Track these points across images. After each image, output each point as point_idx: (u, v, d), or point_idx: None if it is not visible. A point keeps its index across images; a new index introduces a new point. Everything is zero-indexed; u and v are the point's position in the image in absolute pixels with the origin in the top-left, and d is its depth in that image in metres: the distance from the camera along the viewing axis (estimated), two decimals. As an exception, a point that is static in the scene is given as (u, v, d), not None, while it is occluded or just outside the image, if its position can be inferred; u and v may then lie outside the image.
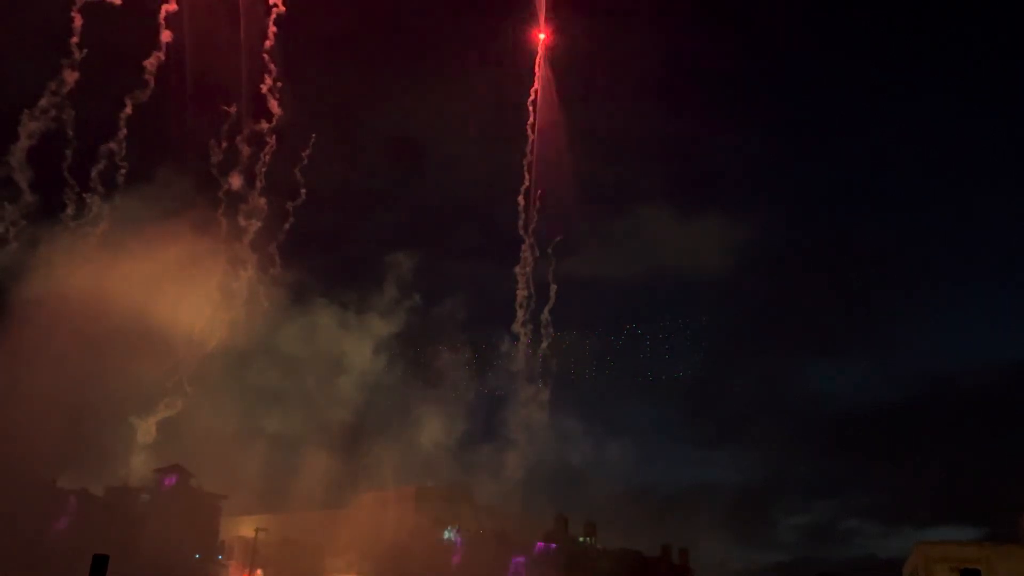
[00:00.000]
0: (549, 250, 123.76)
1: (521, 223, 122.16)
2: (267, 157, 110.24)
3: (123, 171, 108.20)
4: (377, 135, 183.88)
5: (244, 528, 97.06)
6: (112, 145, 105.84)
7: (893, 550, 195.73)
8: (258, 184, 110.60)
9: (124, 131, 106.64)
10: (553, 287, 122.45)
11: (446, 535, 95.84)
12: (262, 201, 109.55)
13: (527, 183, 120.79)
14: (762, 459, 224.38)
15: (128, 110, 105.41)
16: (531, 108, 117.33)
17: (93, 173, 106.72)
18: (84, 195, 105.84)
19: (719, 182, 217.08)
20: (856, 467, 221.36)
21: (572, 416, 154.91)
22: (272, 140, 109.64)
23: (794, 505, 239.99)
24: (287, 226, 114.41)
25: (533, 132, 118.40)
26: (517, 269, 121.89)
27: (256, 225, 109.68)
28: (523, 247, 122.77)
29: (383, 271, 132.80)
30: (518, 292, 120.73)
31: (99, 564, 16.89)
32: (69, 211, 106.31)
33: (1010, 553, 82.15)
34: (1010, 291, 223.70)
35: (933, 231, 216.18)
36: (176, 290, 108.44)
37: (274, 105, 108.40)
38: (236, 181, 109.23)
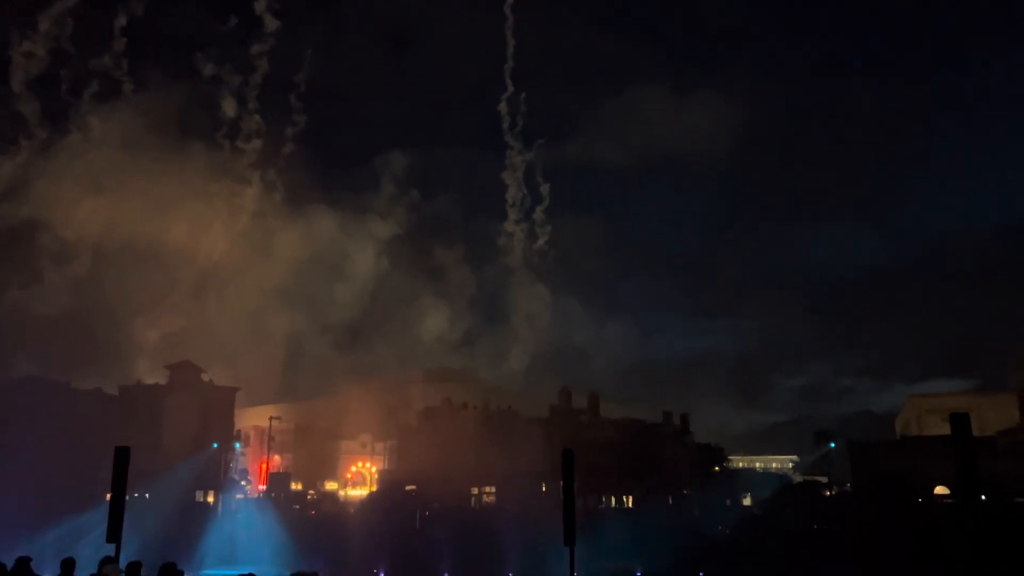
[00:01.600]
0: (532, 155, 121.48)
1: (506, 127, 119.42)
2: (261, 78, 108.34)
3: (126, 86, 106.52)
4: (366, 29, 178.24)
5: (258, 418, 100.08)
6: (109, 59, 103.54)
7: (887, 405, 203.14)
8: (251, 106, 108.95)
9: (123, 40, 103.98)
10: (546, 186, 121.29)
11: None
12: (257, 119, 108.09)
13: (510, 91, 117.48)
14: (759, 326, 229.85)
15: (123, 21, 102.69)
16: (508, 12, 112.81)
17: (92, 92, 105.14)
18: (88, 116, 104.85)
19: (713, 57, 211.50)
20: (850, 329, 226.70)
21: (573, 297, 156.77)
22: (265, 63, 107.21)
23: (791, 368, 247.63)
24: (286, 151, 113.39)
25: (514, 37, 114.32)
26: (505, 175, 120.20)
27: (256, 144, 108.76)
28: (510, 153, 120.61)
29: (380, 170, 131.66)
30: (508, 195, 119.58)
31: (122, 456, 17.37)
32: (74, 132, 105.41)
33: (999, 401, 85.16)
34: (999, 154, 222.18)
35: (924, 97, 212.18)
36: (182, 205, 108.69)
37: (269, 20, 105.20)
38: (233, 102, 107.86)
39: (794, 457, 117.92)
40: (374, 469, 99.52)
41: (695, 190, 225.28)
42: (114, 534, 16.54)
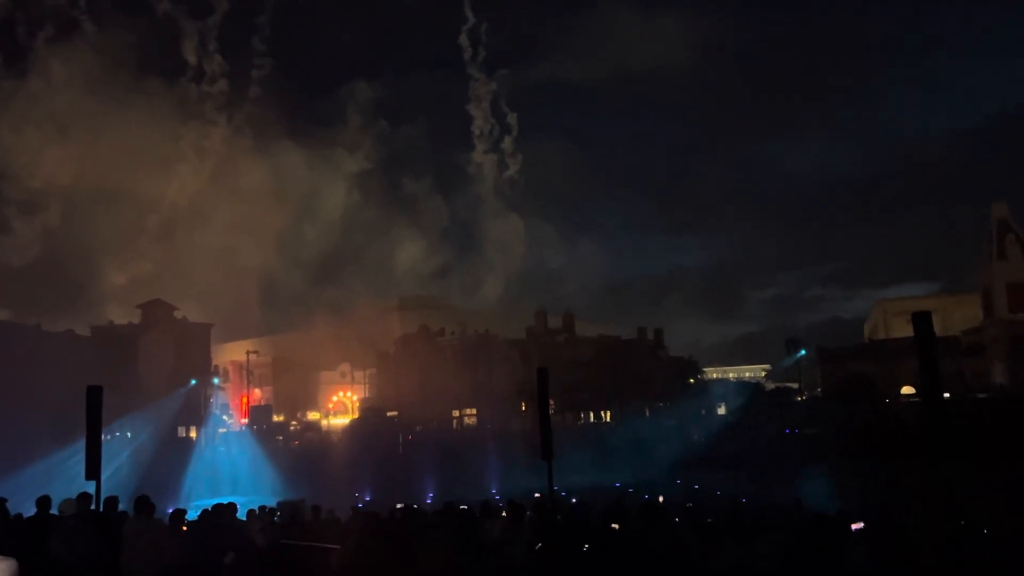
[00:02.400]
0: (495, 85, 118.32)
1: (468, 59, 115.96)
2: (221, 17, 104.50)
3: (85, 25, 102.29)
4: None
5: (236, 353, 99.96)
6: None
7: (855, 311, 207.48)
8: (212, 47, 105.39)
9: None
10: (513, 116, 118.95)
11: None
12: (219, 59, 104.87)
13: (470, 22, 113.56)
14: (730, 239, 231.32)
15: None
16: None
17: (49, 35, 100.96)
18: (48, 60, 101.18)
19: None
20: (819, 239, 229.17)
21: (544, 220, 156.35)
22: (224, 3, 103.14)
23: (761, 280, 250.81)
24: (252, 95, 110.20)
25: None
26: (471, 107, 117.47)
27: (221, 85, 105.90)
28: (474, 85, 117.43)
29: (345, 100, 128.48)
30: (475, 127, 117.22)
31: (94, 395, 17.05)
32: (34, 78, 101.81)
33: (963, 301, 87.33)
34: (963, 60, 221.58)
35: (889, 3, 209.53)
36: (148, 147, 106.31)
37: None
38: (194, 42, 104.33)
39: (766, 366, 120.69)
40: (355, 398, 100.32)
41: (666, 107, 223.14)
42: (93, 472, 16.49)
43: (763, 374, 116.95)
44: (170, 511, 12.89)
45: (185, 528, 11.57)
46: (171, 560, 9.81)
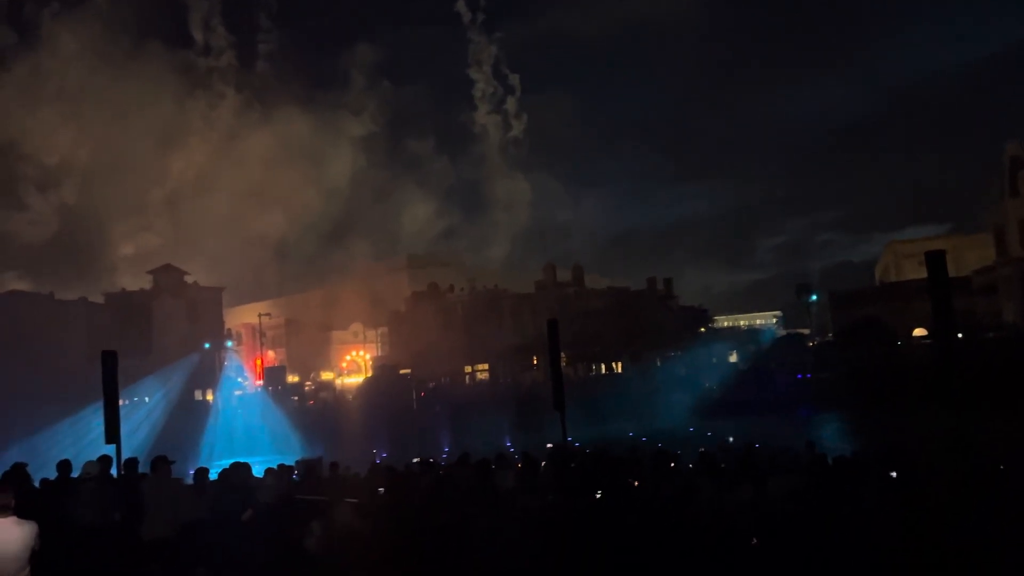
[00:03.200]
0: (496, 49, 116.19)
1: (467, 21, 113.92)
2: None
3: None
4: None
5: (248, 316, 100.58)
6: None
7: (865, 254, 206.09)
8: (215, 19, 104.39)
9: None
10: (515, 77, 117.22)
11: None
12: (223, 31, 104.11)
13: None
14: (738, 187, 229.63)
15: None
16: None
17: (54, 12, 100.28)
18: (60, 34, 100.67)
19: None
20: (827, 183, 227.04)
21: (551, 175, 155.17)
22: None
23: (771, 227, 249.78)
24: (258, 69, 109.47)
25: None
26: (472, 71, 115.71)
27: (229, 57, 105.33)
28: (475, 49, 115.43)
29: (348, 63, 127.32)
30: (477, 90, 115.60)
31: (109, 359, 17.05)
32: (43, 50, 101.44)
33: (976, 241, 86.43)
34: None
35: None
36: (157, 119, 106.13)
37: None
38: (199, 17, 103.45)
39: (777, 312, 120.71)
40: (368, 356, 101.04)
41: (670, 56, 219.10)
42: (112, 435, 16.64)
43: (774, 320, 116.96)
44: (192, 472, 13.06)
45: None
46: (188, 518, 9.95)
